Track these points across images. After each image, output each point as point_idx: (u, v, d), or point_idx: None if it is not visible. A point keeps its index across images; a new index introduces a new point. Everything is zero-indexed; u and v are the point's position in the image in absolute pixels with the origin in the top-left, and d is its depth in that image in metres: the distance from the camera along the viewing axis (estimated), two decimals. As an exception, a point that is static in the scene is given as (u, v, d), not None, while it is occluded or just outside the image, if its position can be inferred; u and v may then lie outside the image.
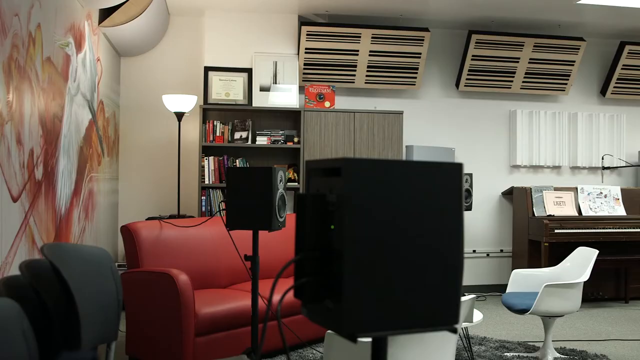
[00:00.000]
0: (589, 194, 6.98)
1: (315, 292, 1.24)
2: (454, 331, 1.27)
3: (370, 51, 6.68)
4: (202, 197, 6.31)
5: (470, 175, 6.67)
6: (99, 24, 5.31)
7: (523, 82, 7.18)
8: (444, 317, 1.24)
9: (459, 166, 1.22)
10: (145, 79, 6.72)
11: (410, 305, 1.19)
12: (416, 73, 6.87)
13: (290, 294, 4.46)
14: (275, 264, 5.39)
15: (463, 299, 2.61)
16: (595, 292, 6.79)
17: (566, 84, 7.31)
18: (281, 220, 3.46)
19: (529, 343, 5.11)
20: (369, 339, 2.09)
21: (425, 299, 1.20)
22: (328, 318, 1.23)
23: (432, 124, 7.18)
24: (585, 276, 4.40)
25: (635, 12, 6.34)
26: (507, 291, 4.81)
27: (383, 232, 1.16)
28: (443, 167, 1.21)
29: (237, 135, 6.46)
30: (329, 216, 1.23)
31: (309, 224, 1.27)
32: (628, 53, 7.30)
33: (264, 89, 6.57)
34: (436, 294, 1.21)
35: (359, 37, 6.57)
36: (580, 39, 7.12)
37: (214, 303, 4.27)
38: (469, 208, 6.64)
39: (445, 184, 1.21)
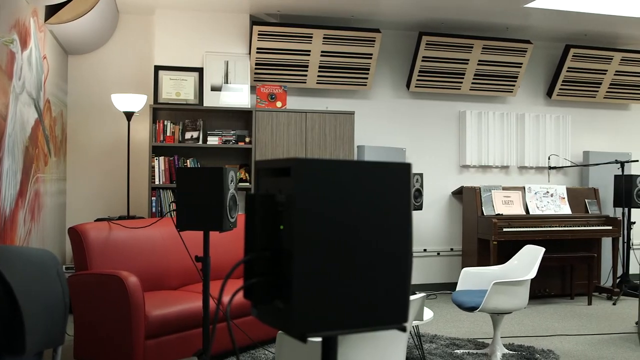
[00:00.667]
0: (536, 193, 7.13)
1: (265, 292, 1.23)
2: (403, 330, 1.28)
3: (322, 51, 6.69)
4: (153, 198, 6.23)
5: (421, 175, 6.74)
6: (45, 21, 5.19)
7: (472, 83, 7.30)
8: (393, 316, 1.25)
9: (407, 166, 1.23)
10: (93, 77, 6.60)
11: (359, 305, 1.20)
12: (367, 73, 6.91)
13: (241, 294, 4.44)
14: (227, 265, 5.36)
15: (413, 297, 2.64)
16: (542, 289, 6.94)
17: (514, 85, 7.45)
18: (232, 220, 3.44)
19: (478, 340, 5.20)
20: (319, 339, 2.09)
21: (374, 298, 1.21)
22: (278, 318, 1.23)
23: (384, 124, 7.24)
24: (532, 273, 4.50)
25: (580, 16, 6.50)
26: (457, 289, 4.88)
27: (332, 232, 1.16)
28: (391, 167, 1.22)
29: (187, 135, 6.39)
30: (278, 216, 1.23)
31: (258, 225, 1.26)
32: (573, 56, 7.48)
33: (215, 89, 6.52)
34: (385, 293, 1.22)
35: (311, 37, 6.58)
36: (527, 41, 7.27)
37: (164, 305, 4.22)
38: (420, 207, 6.72)
39: (394, 183, 1.22)
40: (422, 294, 2.77)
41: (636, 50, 7.74)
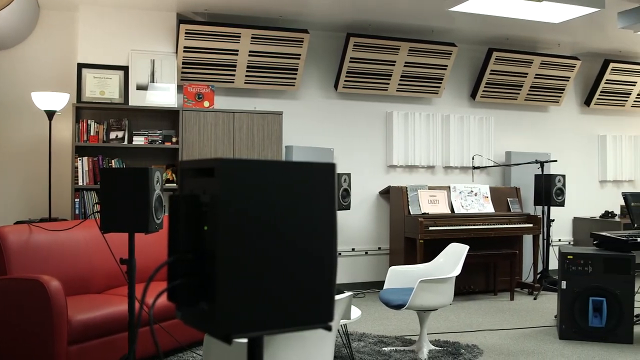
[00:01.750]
0: (460, 192, 7.30)
1: (189, 294, 1.22)
2: (329, 329, 1.29)
3: (250, 51, 6.66)
4: (76, 200, 6.06)
5: (349, 175, 6.80)
6: (-41, 16, 4.98)
7: (399, 84, 7.41)
8: (319, 315, 1.26)
9: (332, 166, 1.24)
10: (12, 74, 6.36)
11: (284, 305, 1.20)
12: (296, 74, 6.92)
13: (165, 297, 4.37)
14: (153, 267, 5.27)
15: (341, 296, 2.66)
16: (467, 286, 7.11)
17: (439, 87, 7.61)
18: (158, 222, 3.38)
19: (405, 337, 5.28)
20: (245, 340, 2.08)
21: (299, 298, 1.22)
22: (202, 320, 1.22)
23: (312, 124, 7.27)
24: (457, 271, 4.60)
25: (502, 21, 6.70)
26: (384, 288, 4.95)
27: (257, 233, 1.16)
28: (316, 167, 1.22)
29: (112, 135, 6.25)
30: (202, 217, 1.22)
31: (182, 225, 1.25)
32: (495, 59, 7.70)
33: (141, 88, 6.40)
34: (310, 293, 1.23)
35: (239, 36, 6.54)
36: (452, 44, 7.43)
37: (88, 309, 4.11)
38: (348, 207, 6.78)
39: (319, 183, 1.23)
40: (349, 293, 2.80)
41: (554, 55, 8.03)
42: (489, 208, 7.32)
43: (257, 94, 7.05)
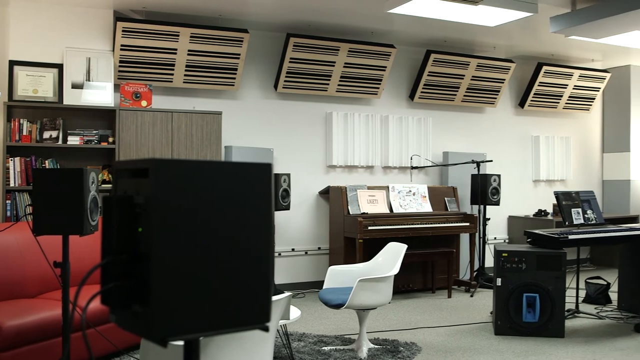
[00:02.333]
0: (399, 192, 7.39)
1: (123, 297, 1.20)
2: (266, 330, 1.29)
3: (189, 50, 6.59)
4: (7, 202, 5.87)
5: (288, 175, 6.81)
6: None
7: (339, 85, 7.46)
8: (256, 316, 1.25)
9: (268, 166, 1.24)
10: (-61, 72, 6.13)
11: (221, 306, 1.19)
12: (235, 74, 6.88)
13: (98, 300, 4.28)
14: (88, 270, 5.15)
15: (279, 297, 2.66)
16: (406, 284, 7.21)
17: (378, 88, 7.68)
18: (93, 224, 3.31)
19: (345, 336, 5.32)
20: (181, 342, 2.06)
21: (236, 299, 1.21)
22: (137, 323, 1.20)
23: (251, 124, 7.24)
24: (396, 270, 4.66)
25: (440, 23, 6.81)
26: (323, 287, 4.97)
27: (192, 234, 1.15)
28: (252, 167, 1.22)
29: (46, 134, 6.09)
30: (136, 218, 1.20)
31: (116, 227, 1.23)
32: (433, 61, 7.82)
33: (77, 86, 6.25)
34: (247, 293, 1.22)
35: (177, 35, 6.46)
36: (391, 46, 7.52)
37: (20, 315, 3.99)
38: (287, 207, 6.78)
39: (255, 184, 1.23)
40: (288, 293, 2.80)
41: (490, 57, 8.21)
42: (427, 207, 7.44)
43: (196, 93, 6.98)
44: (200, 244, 1.16)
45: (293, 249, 7.42)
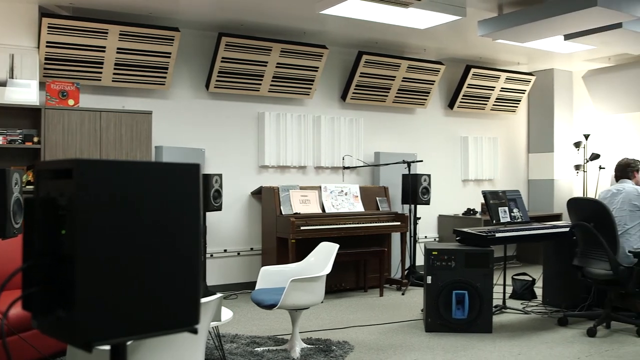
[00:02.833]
0: (331, 192, 7.43)
1: (45, 301, 1.17)
2: (195, 332, 1.28)
3: (118, 48, 6.46)
4: None
5: (220, 175, 6.75)
6: None
7: (271, 85, 7.44)
8: (184, 318, 1.24)
9: (196, 167, 1.23)
10: None
11: (148, 309, 1.17)
12: (166, 73, 6.78)
13: (19, 305, 4.14)
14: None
15: (210, 298, 2.63)
16: (338, 284, 7.25)
17: (311, 88, 7.71)
18: (17, 226, 3.21)
19: (278, 336, 5.31)
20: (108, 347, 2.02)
21: (163, 301, 1.19)
22: (61, 328, 1.17)
23: (183, 124, 7.14)
24: (328, 269, 4.69)
25: (371, 25, 6.88)
26: (256, 288, 4.95)
27: (118, 236, 1.13)
28: (180, 167, 1.21)
29: (-34, 133, 5.85)
30: (60, 221, 1.17)
31: (39, 230, 1.19)
32: (365, 62, 7.90)
33: (-1, 84, 6.03)
34: (175, 296, 1.21)
35: (106, 33, 6.32)
36: (323, 46, 7.56)
37: (-62, 321, 3.83)
38: (219, 208, 6.73)
39: (183, 184, 1.22)
40: (219, 295, 2.78)
41: (421, 59, 8.35)
42: (358, 207, 7.51)
43: (126, 92, 6.84)
44: (126, 246, 1.14)
45: (225, 250, 7.37)
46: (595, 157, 8.96)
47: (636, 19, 5.87)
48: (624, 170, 5.73)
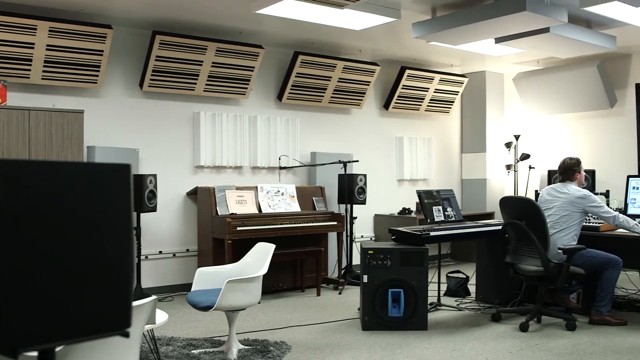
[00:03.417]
0: (267, 192, 7.41)
1: (-32, 307, 1.12)
2: (126, 335, 1.25)
3: (48, 45, 6.27)
4: None
5: (155, 176, 6.65)
6: None
7: (206, 84, 7.36)
8: (115, 322, 1.21)
9: (127, 167, 1.20)
10: None
11: (76, 313, 1.14)
12: (98, 71, 6.63)
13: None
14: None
15: (143, 301, 2.59)
16: (275, 284, 7.24)
17: (247, 88, 7.66)
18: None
19: (215, 338, 5.27)
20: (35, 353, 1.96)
21: (93, 305, 1.16)
22: (-16, 334, 1.12)
23: (116, 124, 6.99)
24: (264, 270, 4.67)
25: (307, 25, 6.88)
26: (192, 289, 4.90)
27: (42, 239, 1.09)
28: (110, 168, 1.18)
29: None
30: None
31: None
32: (301, 62, 7.91)
33: None
34: (105, 299, 1.18)
35: (35, 29, 6.13)
36: (259, 46, 7.53)
37: None
38: (154, 209, 6.62)
39: (113, 185, 1.19)
40: (154, 297, 2.73)
41: (356, 60, 8.42)
42: (295, 207, 7.51)
43: (56, 90, 6.65)
44: (52, 249, 1.11)
45: (160, 252, 7.25)
46: (525, 157, 9.21)
47: (563, 24, 6.06)
48: (568, 171, 5.89)
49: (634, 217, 5.77)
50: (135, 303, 2.41)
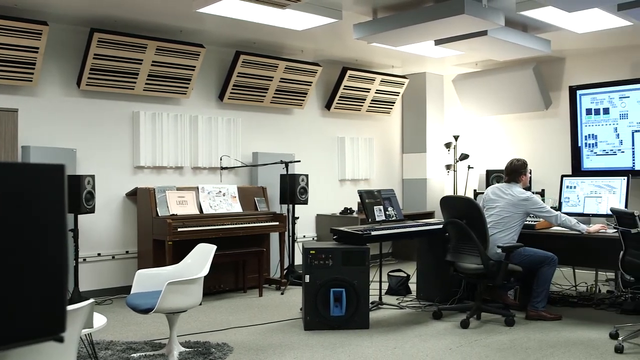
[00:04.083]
0: (209, 192, 7.35)
1: None
2: (60, 340, 1.22)
3: (-21, 42, 6.07)
4: None
5: (93, 176, 6.51)
6: None
7: (146, 84, 7.25)
8: (49, 327, 1.18)
9: (61, 167, 1.17)
10: None
11: (8, 318, 1.10)
12: (33, 68, 6.44)
13: None
14: None
15: (80, 304, 2.53)
16: (217, 285, 7.18)
17: (187, 87, 7.58)
18: None
19: (155, 341, 5.19)
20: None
21: (25, 310, 1.13)
22: None
23: (52, 123, 6.81)
24: (205, 271, 4.63)
25: (249, 25, 6.84)
26: (131, 292, 4.82)
27: (-28, 241, 1.06)
28: (43, 168, 1.15)
29: None
30: None
31: None
32: (243, 62, 7.86)
33: None
34: (38, 303, 1.15)
35: (-35, 25, 5.93)
36: (200, 45, 7.45)
37: None
38: (92, 210, 6.48)
39: (46, 186, 1.15)
40: (91, 300, 2.68)
41: (298, 60, 8.42)
42: (237, 208, 7.47)
43: (-12, 89, 6.44)
44: (-18, 252, 1.07)
45: (99, 254, 7.10)
46: (464, 157, 9.39)
47: (500, 28, 6.20)
48: (514, 173, 6.03)
49: (567, 215, 5.94)
50: (70, 307, 2.36)
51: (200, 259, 4.91)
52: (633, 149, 7.82)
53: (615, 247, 5.26)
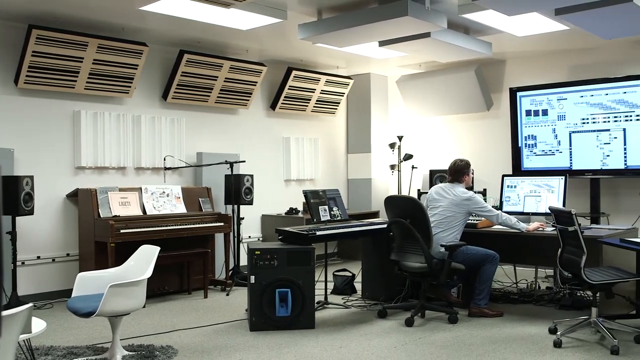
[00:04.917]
0: (152, 193, 7.25)
1: None
2: (-3, 345, 1.18)
3: None
4: None
5: (31, 177, 6.35)
6: None
7: (87, 82, 7.10)
8: (-15, 332, 1.14)
9: (-4, 168, 1.14)
10: None
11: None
12: (-32, 66, 6.25)
13: None
14: None
15: (17, 309, 2.46)
16: (161, 287, 7.09)
17: (130, 86, 7.46)
18: None
19: (97, 345, 5.10)
20: None
21: (-41, 315, 1.09)
22: None
23: (-12, 122, 6.61)
24: (148, 273, 4.57)
25: (193, 24, 6.77)
26: (72, 295, 4.71)
27: None
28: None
29: None
30: None
31: None
32: (187, 61, 7.78)
33: None
34: (-27, 308, 1.11)
35: None
36: (143, 44, 7.34)
37: None
38: (31, 212, 6.32)
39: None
40: (29, 304, 2.61)
41: (243, 60, 8.38)
42: (181, 208, 7.39)
43: None
44: None
45: (38, 257, 6.92)
46: (408, 157, 9.50)
47: (443, 30, 6.30)
48: (457, 173, 6.13)
49: (508, 214, 6.08)
50: (6, 312, 2.29)
51: (144, 261, 4.84)
52: (570, 149, 8.05)
53: (553, 244, 5.42)
